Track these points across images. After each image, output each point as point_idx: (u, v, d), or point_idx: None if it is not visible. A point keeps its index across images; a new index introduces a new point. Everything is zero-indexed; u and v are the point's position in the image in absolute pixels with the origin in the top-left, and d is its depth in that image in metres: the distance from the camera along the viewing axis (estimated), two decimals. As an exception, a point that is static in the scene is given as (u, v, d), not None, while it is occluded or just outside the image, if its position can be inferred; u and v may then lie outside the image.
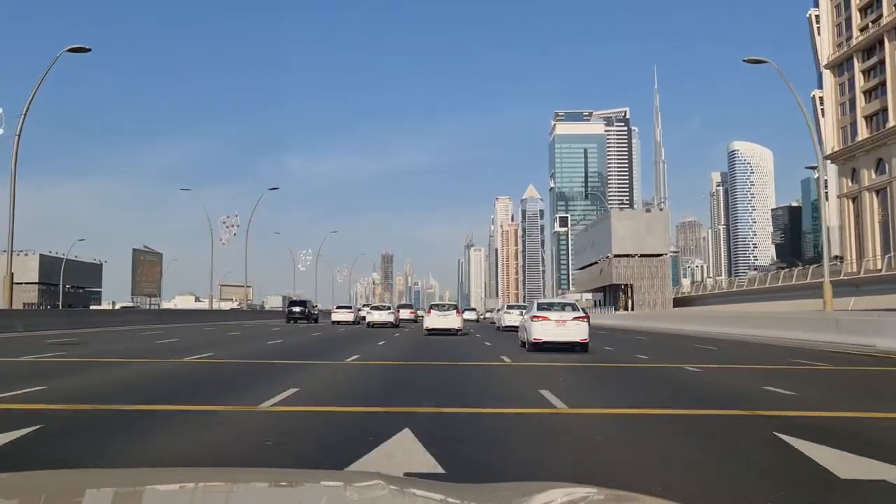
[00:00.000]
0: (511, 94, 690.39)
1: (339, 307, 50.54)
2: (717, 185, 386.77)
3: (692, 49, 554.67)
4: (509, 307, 39.86)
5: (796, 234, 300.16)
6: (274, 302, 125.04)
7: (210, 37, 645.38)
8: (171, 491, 1.79)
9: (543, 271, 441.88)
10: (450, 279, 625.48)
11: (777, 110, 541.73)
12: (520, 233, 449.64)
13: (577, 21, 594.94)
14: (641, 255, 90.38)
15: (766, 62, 31.45)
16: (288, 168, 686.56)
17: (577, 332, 17.78)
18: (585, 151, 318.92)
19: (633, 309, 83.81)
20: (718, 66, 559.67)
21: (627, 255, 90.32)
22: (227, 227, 69.65)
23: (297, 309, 49.70)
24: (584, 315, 18.32)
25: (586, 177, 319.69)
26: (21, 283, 60.74)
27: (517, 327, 31.45)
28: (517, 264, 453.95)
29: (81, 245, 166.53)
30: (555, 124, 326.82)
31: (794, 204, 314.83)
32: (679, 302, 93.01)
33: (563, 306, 19.09)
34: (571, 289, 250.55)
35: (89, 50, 31.23)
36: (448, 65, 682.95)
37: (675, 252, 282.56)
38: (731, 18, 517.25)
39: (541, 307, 18.86)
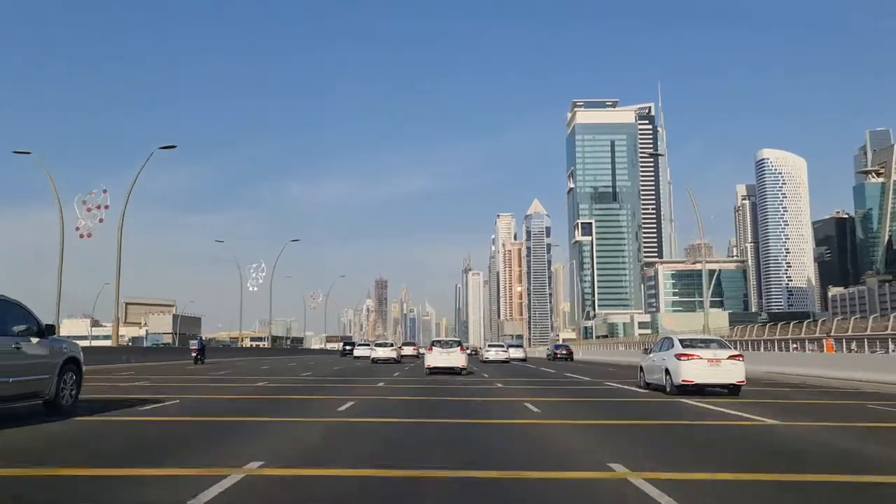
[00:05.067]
0: (510, 116, 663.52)
1: (360, 344, 64.31)
2: (743, 199, 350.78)
3: (697, 61, 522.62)
4: (490, 345, 50.31)
5: (844, 249, 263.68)
6: (160, 324, 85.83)
7: (209, 63, 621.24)
8: None
9: (551, 294, 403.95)
10: (447, 306, 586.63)
11: (799, 118, 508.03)
12: (524, 252, 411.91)
13: (581, 37, 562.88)
14: None
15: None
16: (287, 194, 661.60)
17: (733, 373, 16.13)
18: (612, 144, 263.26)
19: None
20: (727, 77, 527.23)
21: None
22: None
23: (348, 346, 69.94)
24: (739, 354, 16.88)
25: (614, 174, 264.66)
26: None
27: (497, 360, 42.43)
28: (522, 288, 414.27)
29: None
30: (574, 113, 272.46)
31: (838, 215, 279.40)
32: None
33: (707, 343, 17.49)
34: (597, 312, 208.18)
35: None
36: (445, 90, 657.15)
37: (742, 261, 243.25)
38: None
39: (685, 344, 16.97)
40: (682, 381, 15.73)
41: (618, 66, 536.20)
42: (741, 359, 16.37)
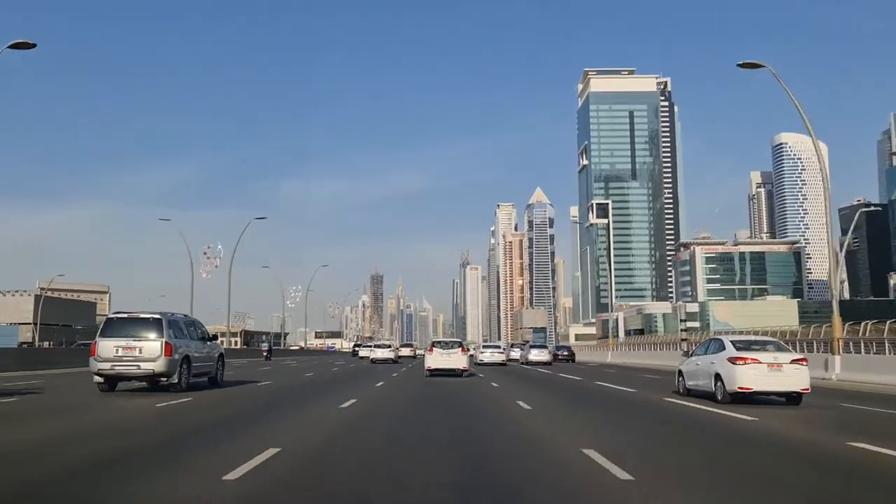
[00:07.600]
0: (510, 107, 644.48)
1: (363, 346, 73.01)
2: (758, 187, 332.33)
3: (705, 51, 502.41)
4: (484, 346, 47.35)
5: (876, 238, 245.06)
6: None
7: (206, 61, 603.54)
8: None
9: (553, 288, 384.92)
10: (444, 301, 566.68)
11: (813, 102, 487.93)
12: (525, 244, 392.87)
13: (587, 14, 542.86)
14: None
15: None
16: (281, 192, 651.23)
17: (797, 379, 14.00)
18: (631, 115, 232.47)
19: None
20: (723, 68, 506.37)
21: None
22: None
23: (356, 348, 78.49)
24: (802, 357, 14.80)
25: (633, 149, 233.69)
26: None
27: (492, 363, 39.43)
28: (523, 280, 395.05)
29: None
30: (587, 82, 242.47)
31: (862, 201, 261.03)
32: None
33: (764, 344, 15.26)
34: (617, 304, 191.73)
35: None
36: (441, 83, 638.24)
37: (794, 243, 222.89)
38: None
39: (739, 346, 14.79)
40: (739, 388, 13.98)
41: (626, 53, 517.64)
42: (805, 363, 14.37)
